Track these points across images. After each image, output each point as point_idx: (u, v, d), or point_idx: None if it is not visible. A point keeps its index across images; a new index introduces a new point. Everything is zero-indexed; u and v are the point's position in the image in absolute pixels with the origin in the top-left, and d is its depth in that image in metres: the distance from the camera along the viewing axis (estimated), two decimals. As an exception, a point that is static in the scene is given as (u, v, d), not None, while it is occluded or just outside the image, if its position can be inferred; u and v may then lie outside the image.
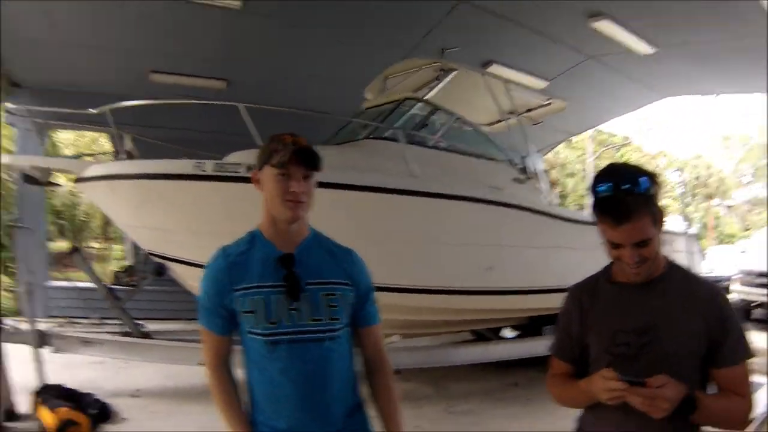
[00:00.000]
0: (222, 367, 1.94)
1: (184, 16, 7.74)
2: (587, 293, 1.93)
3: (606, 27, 7.83)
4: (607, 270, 1.93)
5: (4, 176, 11.66)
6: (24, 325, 5.44)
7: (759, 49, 7.76)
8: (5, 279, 11.55)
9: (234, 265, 1.87)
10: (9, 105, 8.10)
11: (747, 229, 31.38)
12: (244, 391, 1.93)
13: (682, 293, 1.79)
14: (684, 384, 1.62)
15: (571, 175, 28.81)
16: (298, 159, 1.83)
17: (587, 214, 10.13)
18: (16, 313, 9.10)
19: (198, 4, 7.33)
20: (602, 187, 1.74)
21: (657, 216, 1.73)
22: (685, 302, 1.77)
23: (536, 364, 6.92)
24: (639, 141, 33.76)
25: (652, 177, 1.75)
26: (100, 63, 8.90)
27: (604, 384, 1.66)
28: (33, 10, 7.44)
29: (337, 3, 7.51)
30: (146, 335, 5.99)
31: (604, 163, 28.74)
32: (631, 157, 30.93)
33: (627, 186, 1.70)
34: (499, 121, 7.68)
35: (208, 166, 4.90)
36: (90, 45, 8.46)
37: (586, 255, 6.28)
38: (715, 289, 1.82)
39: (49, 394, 4.83)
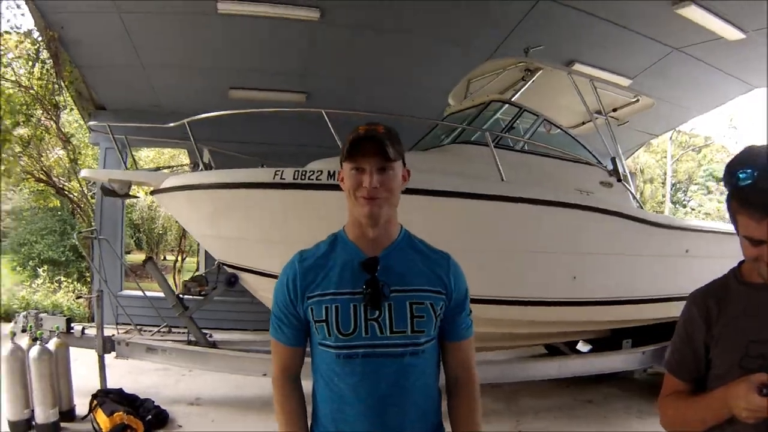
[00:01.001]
0: (288, 381, 1.77)
1: (263, 32, 7.75)
2: (715, 299, 1.63)
3: (692, 13, 7.22)
4: (736, 271, 1.66)
5: (85, 191, 12.29)
6: (92, 331, 5.46)
7: None
8: (81, 287, 12.01)
9: (310, 270, 1.71)
10: (91, 123, 8.37)
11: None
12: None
13: None
14: None
15: (650, 180, 27.45)
16: (368, 150, 1.61)
17: (675, 218, 9.50)
18: (88, 319, 9.40)
19: (276, 19, 7.33)
20: (743, 174, 1.47)
21: None
22: None
23: (611, 379, 6.56)
24: (722, 140, 31.60)
25: None
26: (181, 83, 9.12)
27: (748, 400, 1.34)
28: (115, 36, 7.64)
29: (415, 9, 7.32)
30: (212, 345, 5.94)
31: (685, 167, 27.42)
32: (714, 157, 29.21)
33: None
34: (584, 122, 7.33)
35: (288, 174, 4.78)
36: (171, 65, 8.68)
37: (676, 262, 5.90)
38: None
39: (108, 397, 4.82)
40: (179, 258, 16.11)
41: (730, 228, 1.58)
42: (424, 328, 1.65)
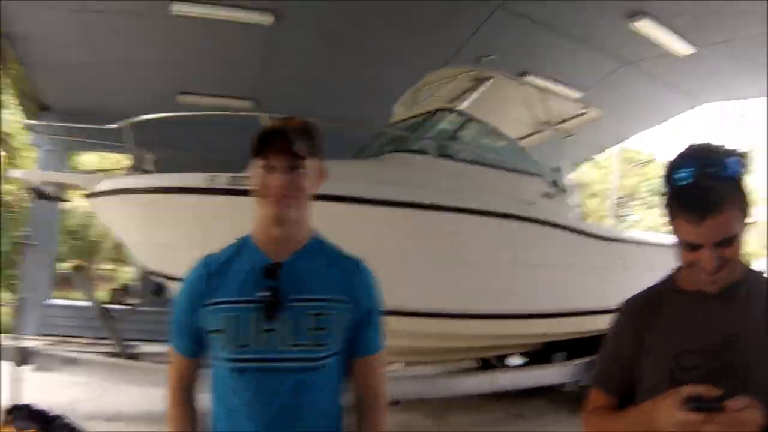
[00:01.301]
0: (182, 394, 1.65)
1: (214, 35, 7.60)
2: (647, 308, 1.56)
3: (646, 27, 7.35)
4: (670, 278, 1.59)
5: (19, 194, 11.70)
6: (8, 342, 5.12)
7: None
8: (7, 295, 11.41)
9: (212, 276, 1.58)
10: (31, 122, 7.94)
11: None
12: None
13: None
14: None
15: (594, 195, 28.15)
16: (277, 146, 1.47)
17: (612, 230, 9.69)
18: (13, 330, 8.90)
19: (228, 22, 7.18)
20: (682, 173, 1.37)
21: (746, 207, 1.39)
22: None
23: (542, 393, 6.54)
24: (666, 156, 32.55)
25: (741, 157, 1.38)
26: (129, 86, 8.86)
27: (674, 415, 1.23)
28: (65, 34, 7.44)
29: (370, 17, 7.29)
30: (133, 356, 5.69)
31: (629, 183, 28.12)
32: (657, 173, 30.12)
33: (713, 170, 1.36)
34: (532, 134, 7.35)
35: (222, 180, 4.63)
36: (119, 68, 8.43)
37: (615, 275, 5.92)
38: None
39: (13, 414, 4.46)
40: (115, 268, 15.56)
41: (667, 240, 1.49)
42: (326, 341, 1.52)
